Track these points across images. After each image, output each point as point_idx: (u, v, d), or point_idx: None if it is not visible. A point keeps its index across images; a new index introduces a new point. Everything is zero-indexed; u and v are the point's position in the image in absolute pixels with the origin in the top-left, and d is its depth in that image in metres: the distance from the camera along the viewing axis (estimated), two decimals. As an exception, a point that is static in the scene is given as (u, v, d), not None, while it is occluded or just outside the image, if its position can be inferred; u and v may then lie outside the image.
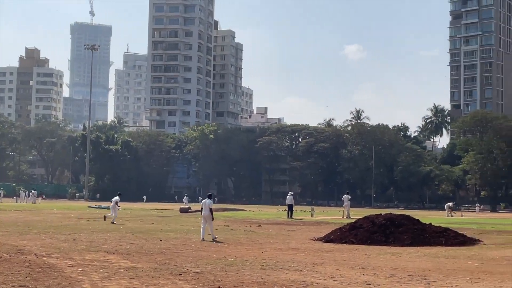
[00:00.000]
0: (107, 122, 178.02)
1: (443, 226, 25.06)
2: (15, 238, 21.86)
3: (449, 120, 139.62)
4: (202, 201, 23.53)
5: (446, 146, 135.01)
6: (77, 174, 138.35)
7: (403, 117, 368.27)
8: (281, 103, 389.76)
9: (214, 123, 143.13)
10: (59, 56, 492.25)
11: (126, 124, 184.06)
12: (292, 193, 47.36)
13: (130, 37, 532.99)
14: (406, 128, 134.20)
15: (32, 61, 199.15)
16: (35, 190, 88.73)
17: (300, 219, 41.30)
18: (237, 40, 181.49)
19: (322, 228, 31.04)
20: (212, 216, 22.59)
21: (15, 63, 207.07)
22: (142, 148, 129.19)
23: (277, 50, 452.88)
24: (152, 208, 64.29)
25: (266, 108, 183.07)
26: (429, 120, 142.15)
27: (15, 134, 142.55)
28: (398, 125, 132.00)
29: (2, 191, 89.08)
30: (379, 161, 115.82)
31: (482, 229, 33.29)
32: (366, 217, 24.36)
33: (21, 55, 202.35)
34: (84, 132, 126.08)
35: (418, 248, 20.64)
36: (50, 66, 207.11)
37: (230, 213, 52.46)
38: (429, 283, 12.59)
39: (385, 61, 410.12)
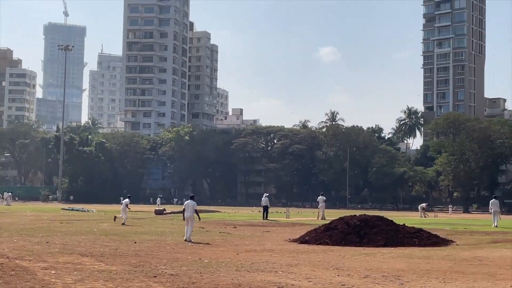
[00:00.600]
0: (81, 123, 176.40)
1: (417, 227, 25.31)
2: (-13, 241, 21.53)
3: (422, 122, 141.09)
4: (185, 202, 24.01)
5: (419, 147, 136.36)
6: (50, 176, 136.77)
7: (377, 119, 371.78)
8: (256, 105, 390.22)
9: (189, 125, 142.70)
10: (32, 56, 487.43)
11: (100, 125, 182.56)
12: (267, 194, 47.40)
13: (105, 38, 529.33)
14: (380, 129, 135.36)
15: (4, 61, 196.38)
16: (10, 192, 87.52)
17: (275, 221, 41.34)
18: (212, 41, 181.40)
19: (297, 229, 31.11)
20: (198, 216, 23.40)
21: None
22: (116, 149, 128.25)
23: (252, 52, 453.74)
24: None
25: (241, 109, 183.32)
26: (402, 122, 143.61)
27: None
28: (372, 126, 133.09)
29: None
30: (354, 162, 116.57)
31: (455, 229, 33.67)
32: (340, 218, 24.49)
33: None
34: (57, 133, 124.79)
35: (392, 248, 20.80)
36: (23, 67, 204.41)
37: (205, 214, 52.24)
38: (402, 284, 12.70)
39: (359, 63, 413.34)
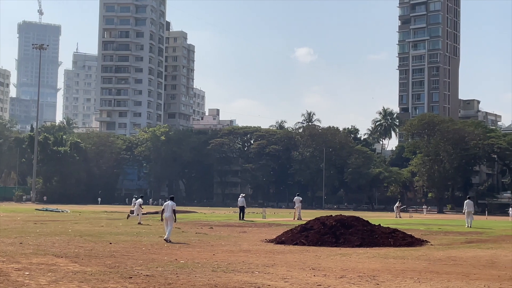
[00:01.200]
0: (56, 123, 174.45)
1: (392, 227, 25.48)
2: (-41, 242, 21.20)
3: (397, 123, 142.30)
4: (165, 203, 24.29)
5: (394, 148, 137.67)
6: (24, 176, 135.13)
7: (353, 119, 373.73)
8: (233, 105, 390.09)
9: (166, 125, 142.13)
10: (6, 55, 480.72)
11: (75, 125, 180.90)
12: (243, 195, 47.34)
13: (80, 37, 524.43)
14: (356, 130, 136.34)
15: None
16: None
17: (251, 221, 41.35)
18: (189, 41, 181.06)
19: (274, 230, 31.15)
20: (175, 217, 23.50)
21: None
22: (91, 149, 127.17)
23: (229, 52, 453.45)
24: (101, 210, 63.38)
25: (218, 110, 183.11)
26: (378, 123, 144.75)
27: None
28: (348, 127, 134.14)
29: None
30: (330, 163, 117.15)
31: (429, 230, 34.00)
32: (316, 218, 24.55)
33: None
34: (31, 133, 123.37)
35: (368, 249, 20.92)
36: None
37: (182, 215, 52.08)
38: (378, 284, 12.76)
39: (335, 64, 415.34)
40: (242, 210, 43.62)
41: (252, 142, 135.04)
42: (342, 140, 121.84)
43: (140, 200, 38.63)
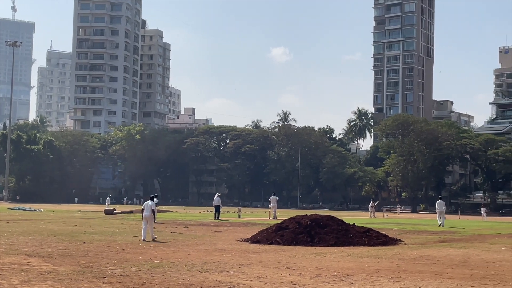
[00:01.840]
0: (29, 121, 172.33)
1: (366, 226, 25.65)
2: None
3: (372, 123, 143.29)
4: (145, 202, 24.64)
5: (369, 148, 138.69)
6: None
7: (329, 119, 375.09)
8: (209, 104, 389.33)
9: (141, 124, 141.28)
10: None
11: (49, 123, 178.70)
12: (219, 194, 47.28)
13: (54, 34, 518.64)
14: (331, 130, 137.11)
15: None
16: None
17: (227, 220, 41.32)
18: (165, 40, 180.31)
19: (249, 229, 31.16)
20: (154, 216, 24.06)
21: None
22: (65, 148, 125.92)
23: (205, 51, 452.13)
24: (75, 209, 62.81)
25: (193, 109, 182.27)
26: (353, 123, 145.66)
27: None
28: (323, 127, 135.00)
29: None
30: (305, 162, 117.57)
31: (403, 229, 34.30)
32: (292, 218, 24.62)
33: None
34: (4, 131, 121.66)
35: (342, 248, 21.04)
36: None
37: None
38: (352, 283, 12.84)
39: (311, 64, 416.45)
40: (217, 209, 43.55)
41: (227, 142, 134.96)
42: (317, 139, 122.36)
43: (155, 200, 39.32)
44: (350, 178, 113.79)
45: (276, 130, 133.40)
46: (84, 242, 21.56)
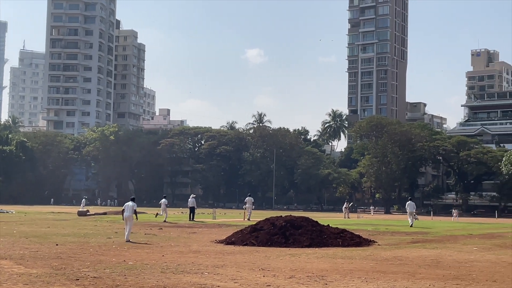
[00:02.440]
0: (1, 121, 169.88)
1: (340, 227, 25.81)
2: None
3: (346, 124, 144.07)
4: (125, 204, 24.84)
5: (343, 149, 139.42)
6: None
7: (303, 121, 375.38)
8: (184, 105, 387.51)
9: (115, 124, 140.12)
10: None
11: (21, 124, 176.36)
12: (194, 195, 47.17)
13: (27, 34, 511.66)
14: (306, 132, 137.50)
15: None
16: None
17: (201, 222, 41.25)
18: (139, 40, 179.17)
19: (224, 230, 31.15)
20: (136, 216, 24.59)
21: None
22: (38, 149, 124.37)
23: (180, 52, 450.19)
24: (48, 211, 62.12)
25: (168, 110, 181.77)
26: (327, 124, 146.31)
27: None
28: (298, 129, 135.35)
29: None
30: (280, 164, 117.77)
31: (377, 230, 34.58)
32: (267, 219, 24.66)
33: None
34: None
35: (316, 249, 21.14)
36: None
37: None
38: (326, 283, 12.91)
39: (285, 66, 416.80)
40: (192, 210, 43.45)
41: (203, 143, 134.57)
42: (292, 141, 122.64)
43: (165, 200, 43.04)
44: (324, 179, 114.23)
45: (251, 131, 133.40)
46: (56, 244, 21.34)
